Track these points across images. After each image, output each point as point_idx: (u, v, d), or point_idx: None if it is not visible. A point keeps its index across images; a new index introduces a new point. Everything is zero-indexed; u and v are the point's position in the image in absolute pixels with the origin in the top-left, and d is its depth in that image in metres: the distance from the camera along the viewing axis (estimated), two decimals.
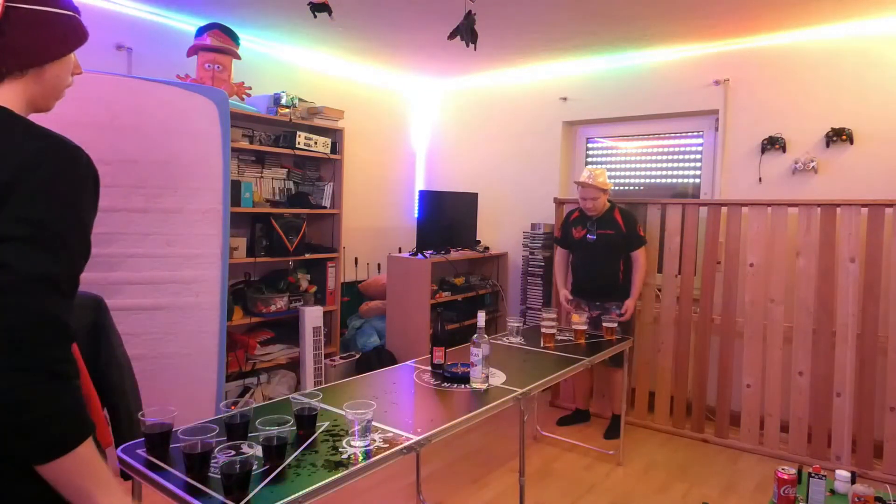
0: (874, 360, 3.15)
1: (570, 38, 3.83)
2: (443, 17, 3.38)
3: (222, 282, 2.90)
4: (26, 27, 0.93)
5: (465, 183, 5.12)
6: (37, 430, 0.80)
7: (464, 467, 3.21)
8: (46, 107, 1.02)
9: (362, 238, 4.88)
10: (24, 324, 0.80)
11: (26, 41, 0.93)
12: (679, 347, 3.73)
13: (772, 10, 3.18)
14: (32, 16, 0.93)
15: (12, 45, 0.92)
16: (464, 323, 4.50)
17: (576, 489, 3.00)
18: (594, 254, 3.60)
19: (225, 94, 2.93)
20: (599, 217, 3.59)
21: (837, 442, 3.21)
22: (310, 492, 1.38)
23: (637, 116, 4.29)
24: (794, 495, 2.06)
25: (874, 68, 3.39)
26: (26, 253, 0.82)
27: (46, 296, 0.83)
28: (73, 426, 0.83)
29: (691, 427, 3.69)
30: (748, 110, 3.79)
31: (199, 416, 1.82)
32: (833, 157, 3.52)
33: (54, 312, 0.83)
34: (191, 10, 3.46)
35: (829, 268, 3.27)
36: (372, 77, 4.93)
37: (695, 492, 2.98)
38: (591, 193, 3.50)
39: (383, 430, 1.76)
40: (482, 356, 2.22)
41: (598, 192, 3.49)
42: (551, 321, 3.05)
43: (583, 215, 3.65)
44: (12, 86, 0.94)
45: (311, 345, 3.95)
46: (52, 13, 0.96)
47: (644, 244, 3.62)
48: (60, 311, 0.84)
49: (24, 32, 0.93)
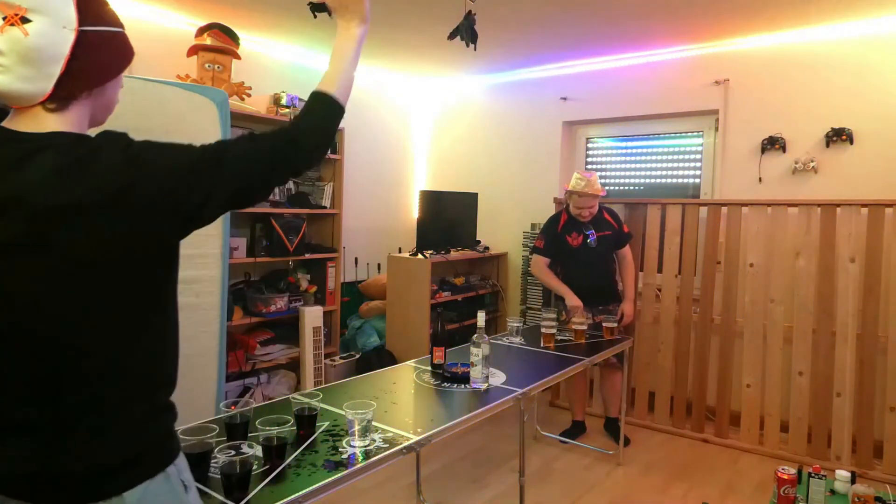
0: (874, 360, 3.15)
1: (570, 38, 3.83)
2: (443, 18, 3.38)
3: (222, 282, 2.89)
4: (96, 50, 0.93)
5: (465, 183, 5.12)
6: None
7: (464, 467, 3.21)
8: (103, 121, 1.04)
9: (362, 238, 4.87)
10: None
11: (96, 63, 0.94)
12: (679, 347, 3.73)
13: (772, 10, 3.18)
14: (100, 37, 0.94)
15: (86, 69, 0.92)
16: (464, 323, 4.50)
17: (576, 489, 3.00)
18: (594, 258, 3.51)
19: (225, 94, 2.92)
20: (593, 220, 3.50)
21: (837, 442, 3.21)
22: (310, 492, 1.38)
23: (637, 116, 4.29)
24: (794, 495, 2.06)
25: (874, 68, 3.39)
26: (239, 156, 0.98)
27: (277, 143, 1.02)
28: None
29: (691, 427, 3.69)
30: (748, 110, 3.79)
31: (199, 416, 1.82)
32: (833, 157, 3.52)
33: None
34: (191, 10, 3.46)
35: (829, 268, 3.27)
36: (372, 77, 4.93)
37: (695, 492, 2.98)
38: (589, 202, 3.41)
39: (383, 430, 1.76)
40: (482, 356, 2.22)
41: (595, 200, 3.43)
42: (551, 321, 3.05)
43: (572, 221, 3.53)
44: (80, 106, 0.95)
45: (311, 345, 3.94)
46: (114, 33, 0.97)
47: (631, 239, 3.63)
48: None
49: (94, 55, 0.93)
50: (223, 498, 1.30)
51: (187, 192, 0.92)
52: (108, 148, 0.91)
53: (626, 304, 3.54)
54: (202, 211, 0.95)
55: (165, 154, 0.93)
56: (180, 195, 0.92)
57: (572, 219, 3.53)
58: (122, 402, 0.95)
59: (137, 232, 0.90)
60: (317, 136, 1.05)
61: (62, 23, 0.87)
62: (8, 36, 0.85)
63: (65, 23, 0.88)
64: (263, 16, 3.49)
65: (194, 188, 0.93)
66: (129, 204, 0.88)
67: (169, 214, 0.92)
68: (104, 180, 0.88)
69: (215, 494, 1.32)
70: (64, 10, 0.88)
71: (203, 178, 0.93)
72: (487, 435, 3.61)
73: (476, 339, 2.22)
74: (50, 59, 0.88)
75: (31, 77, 0.87)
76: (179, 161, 0.93)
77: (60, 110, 0.92)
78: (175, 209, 0.92)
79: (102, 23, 0.94)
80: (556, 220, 3.62)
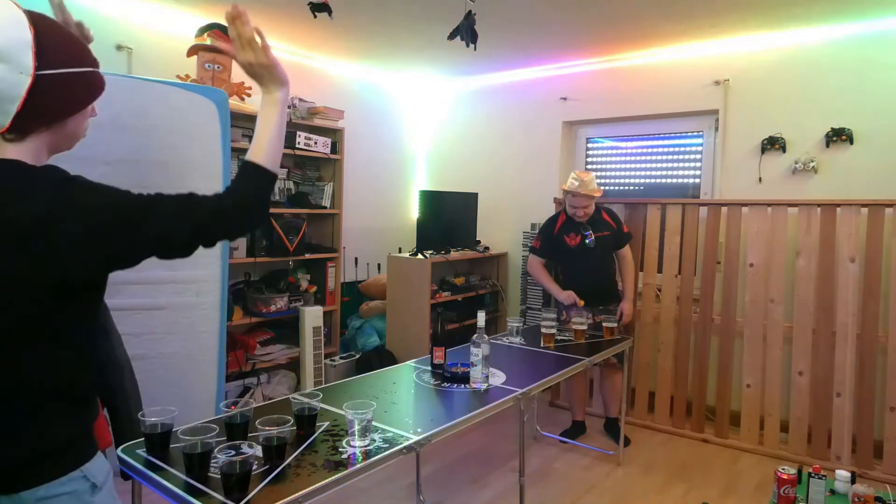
0: (874, 360, 3.15)
1: (571, 38, 3.83)
2: (443, 18, 3.38)
3: (222, 282, 2.89)
4: (53, 90, 1.01)
5: (465, 183, 5.12)
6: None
7: (464, 467, 3.21)
8: (68, 148, 1.11)
9: (362, 238, 4.87)
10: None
11: (53, 102, 1.02)
12: (679, 347, 3.73)
13: (772, 10, 3.18)
14: (59, 78, 1.01)
15: (41, 107, 1.00)
16: (464, 323, 4.50)
17: (576, 489, 3.00)
18: (593, 258, 3.51)
19: (225, 94, 2.92)
20: (590, 220, 3.51)
21: (837, 442, 3.21)
22: (310, 492, 1.38)
23: (637, 116, 4.29)
24: (794, 495, 2.06)
25: (874, 68, 3.39)
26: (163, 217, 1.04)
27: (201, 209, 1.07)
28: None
29: (691, 427, 3.69)
30: (748, 110, 3.79)
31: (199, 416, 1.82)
32: (833, 157, 3.52)
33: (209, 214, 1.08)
34: (191, 10, 3.46)
35: (829, 268, 3.27)
36: (372, 77, 4.93)
37: (695, 492, 2.98)
38: (584, 202, 3.42)
39: (383, 430, 1.76)
40: (482, 356, 2.22)
41: (590, 200, 3.43)
42: (551, 321, 3.05)
43: (570, 221, 3.54)
44: (37, 138, 1.03)
45: (311, 345, 3.94)
46: (76, 73, 1.03)
47: (631, 239, 3.64)
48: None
49: (51, 95, 1.01)
50: (223, 498, 1.30)
51: (108, 235, 0.99)
52: (45, 179, 0.99)
53: (626, 303, 3.54)
54: (120, 256, 1.02)
55: (99, 194, 1.01)
56: (102, 236, 0.98)
57: (570, 219, 3.54)
58: (31, 405, 1.01)
59: (55, 262, 0.96)
60: (245, 210, 1.11)
61: (19, 69, 0.96)
62: None
63: (21, 69, 0.96)
64: (263, 16, 3.49)
65: (116, 233, 0.99)
66: (52, 234, 0.95)
67: (89, 253, 0.98)
68: (32, 207, 0.95)
69: (215, 494, 1.32)
70: (22, 57, 0.96)
71: (127, 226, 1.00)
72: (487, 435, 3.61)
73: (476, 339, 2.22)
74: (7, 100, 0.97)
75: None
76: (110, 204, 1.00)
77: (18, 141, 1.01)
78: (96, 249, 0.99)
79: (64, 66, 1.01)
80: (553, 222, 3.64)
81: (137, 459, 1.49)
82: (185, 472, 1.39)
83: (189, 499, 1.31)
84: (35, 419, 1.01)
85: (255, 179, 1.13)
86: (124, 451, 1.53)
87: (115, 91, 2.63)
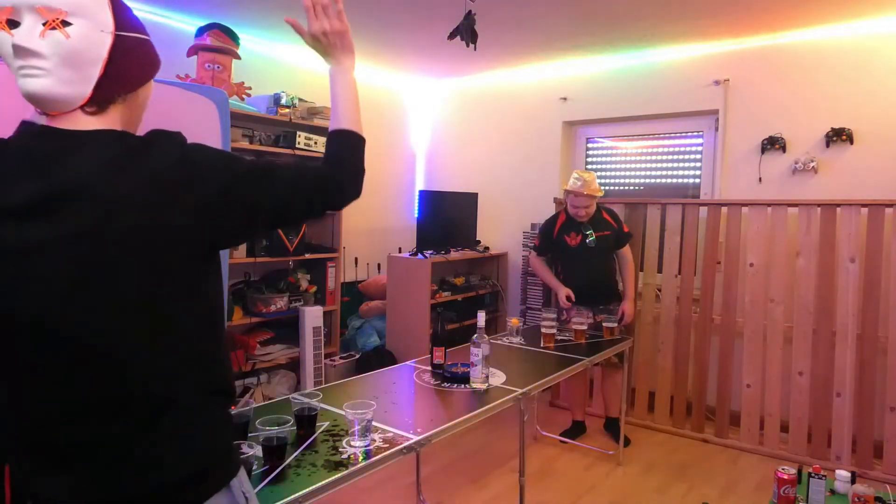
0: (874, 360, 3.15)
1: (570, 38, 3.83)
2: (443, 18, 3.38)
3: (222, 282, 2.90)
4: (130, 54, 0.95)
5: (465, 183, 5.12)
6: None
7: (464, 467, 3.21)
8: (136, 125, 1.04)
9: (362, 238, 4.87)
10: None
11: (131, 67, 0.96)
12: (679, 347, 3.73)
13: (772, 10, 3.18)
14: (134, 43, 0.96)
15: (123, 72, 0.94)
16: (464, 323, 4.50)
17: (576, 489, 3.00)
18: (594, 258, 3.51)
19: (225, 94, 2.92)
20: (591, 219, 3.51)
21: (837, 442, 3.21)
22: (310, 492, 1.38)
23: (637, 116, 4.29)
24: (794, 495, 2.06)
25: (874, 68, 3.39)
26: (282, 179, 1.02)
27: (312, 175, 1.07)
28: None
29: (691, 427, 3.69)
30: (748, 110, 3.79)
31: None
32: (833, 157, 3.52)
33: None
34: (191, 10, 3.46)
35: (829, 268, 3.27)
36: (372, 77, 4.93)
37: (695, 492, 2.98)
38: (585, 202, 3.41)
39: (383, 430, 1.76)
40: (482, 356, 2.22)
41: (591, 200, 3.43)
42: (551, 321, 3.05)
43: (570, 221, 3.53)
44: (116, 111, 0.96)
45: (311, 345, 3.94)
46: (146, 40, 1.00)
47: (631, 238, 3.64)
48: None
49: (129, 59, 0.95)
50: None
51: (233, 202, 0.94)
52: (163, 143, 0.93)
53: (627, 303, 3.54)
54: (239, 223, 0.97)
55: (220, 158, 0.96)
56: (225, 204, 0.94)
57: (571, 218, 3.54)
58: (182, 417, 0.92)
59: (184, 231, 0.90)
60: (354, 172, 1.13)
61: (100, 26, 0.90)
62: (50, 39, 0.86)
63: (102, 27, 0.90)
64: (263, 16, 3.49)
65: (240, 196, 0.95)
66: (185, 201, 0.89)
67: (211, 217, 0.92)
68: (161, 173, 0.89)
69: None
70: (101, 14, 0.90)
71: (248, 192, 0.96)
72: (487, 435, 3.61)
73: (476, 339, 2.22)
74: (90, 62, 0.89)
75: (71, 80, 0.88)
76: (231, 168, 0.96)
77: (99, 113, 0.93)
78: (220, 217, 0.94)
79: (135, 29, 0.97)
80: (553, 221, 3.65)
81: None
82: None
83: None
84: (195, 430, 0.93)
85: (352, 144, 1.14)
86: None
87: None
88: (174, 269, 0.90)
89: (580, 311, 3.38)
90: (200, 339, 0.95)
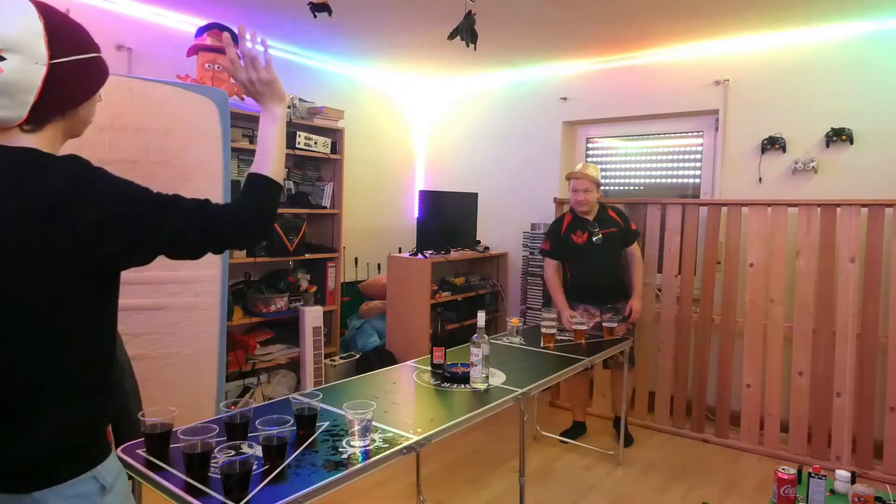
0: (874, 360, 3.15)
1: (570, 38, 3.83)
2: (443, 18, 3.38)
3: (222, 282, 2.89)
4: (66, 79, 1.02)
5: (465, 183, 5.12)
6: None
7: (464, 467, 3.21)
8: (79, 133, 1.13)
9: (362, 238, 4.88)
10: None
11: (68, 90, 1.04)
12: (679, 347, 3.73)
13: (772, 10, 3.18)
14: (72, 66, 1.02)
15: (57, 96, 1.02)
16: (464, 323, 4.50)
17: (576, 489, 3.00)
18: (601, 256, 3.48)
19: (225, 94, 2.93)
20: (597, 217, 3.50)
21: (837, 442, 3.21)
22: (310, 492, 1.38)
23: (637, 116, 4.29)
24: (794, 495, 2.06)
25: (874, 68, 3.39)
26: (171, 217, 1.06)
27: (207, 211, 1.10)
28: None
29: (691, 427, 3.69)
30: (748, 110, 3.79)
31: (199, 416, 1.82)
32: (833, 157, 3.52)
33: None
34: (191, 10, 3.46)
35: (829, 268, 3.27)
36: (372, 77, 4.93)
37: (695, 492, 2.98)
38: (584, 185, 3.39)
39: (383, 430, 1.76)
40: (482, 356, 2.22)
41: (590, 184, 3.40)
42: (551, 321, 3.04)
43: (577, 220, 3.52)
44: (54, 127, 1.05)
45: (311, 345, 3.94)
46: (85, 59, 1.05)
47: (638, 237, 3.64)
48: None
49: (66, 83, 1.03)
50: (223, 498, 1.30)
51: (124, 226, 1.00)
52: (66, 165, 1.00)
53: (635, 300, 3.52)
54: (133, 249, 1.03)
55: (119, 186, 1.03)
56: (118, 227, 1.00)
57: (577, 218, 3.53)
58: (51, 402, 1.01)
59: (71, 246, 0.97)
60: (258, 214, 1.16)
61: (34, 59, 0.97)
62: None
63: (37, 59, 0.98)
64: (263, 16, 3.49)
65: (132, 225, 1.01)
66: (69, 219, 0.96)
67: (103, 242, 0.99)
68: (49, 193, 0.96)
69: (215, 494, 1.32)
70: (36, 47, 0.97)
71: (143, 219, 1.02)
72: (487, 435, 3.61)
73: (476, 339, 2.22)
74: (24, 91, 0.98)
75: (7, 106, 0.98)
76: (128, 196, 1.02)
77: (35, 131, 1.02)
78: (110, 239, 1.00)
79: (73, 52, 1.02)
80: (559, 222, 3.63)
81: (137, 459, 1.49)
82: (185, 472, 1.39)
83: (189, 499, 1.31)
84: (53, 413, 1.00)
85: (265, 189, 1.18)
86: (124, 451, 1.53)
87: (115, 91, 2.65)
88: (55, 280, 0.98)
89: (587, 309, 3.38)
90: (88, 344, 1.05)
